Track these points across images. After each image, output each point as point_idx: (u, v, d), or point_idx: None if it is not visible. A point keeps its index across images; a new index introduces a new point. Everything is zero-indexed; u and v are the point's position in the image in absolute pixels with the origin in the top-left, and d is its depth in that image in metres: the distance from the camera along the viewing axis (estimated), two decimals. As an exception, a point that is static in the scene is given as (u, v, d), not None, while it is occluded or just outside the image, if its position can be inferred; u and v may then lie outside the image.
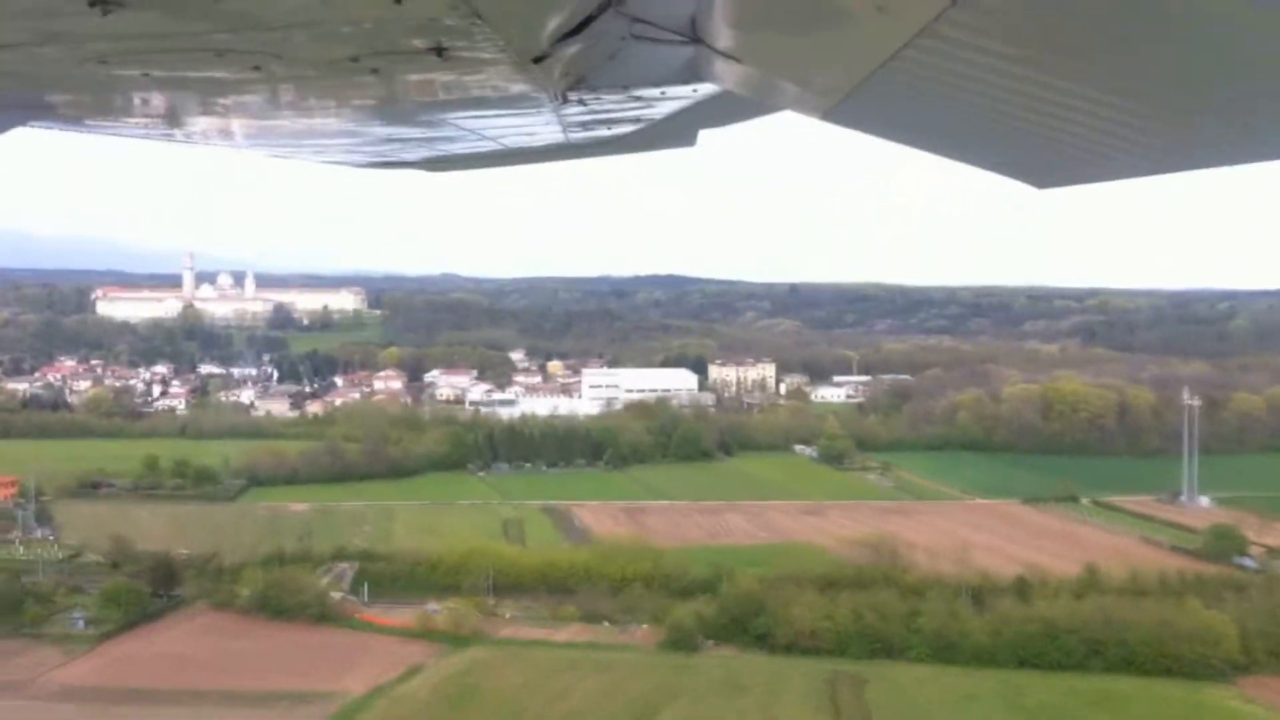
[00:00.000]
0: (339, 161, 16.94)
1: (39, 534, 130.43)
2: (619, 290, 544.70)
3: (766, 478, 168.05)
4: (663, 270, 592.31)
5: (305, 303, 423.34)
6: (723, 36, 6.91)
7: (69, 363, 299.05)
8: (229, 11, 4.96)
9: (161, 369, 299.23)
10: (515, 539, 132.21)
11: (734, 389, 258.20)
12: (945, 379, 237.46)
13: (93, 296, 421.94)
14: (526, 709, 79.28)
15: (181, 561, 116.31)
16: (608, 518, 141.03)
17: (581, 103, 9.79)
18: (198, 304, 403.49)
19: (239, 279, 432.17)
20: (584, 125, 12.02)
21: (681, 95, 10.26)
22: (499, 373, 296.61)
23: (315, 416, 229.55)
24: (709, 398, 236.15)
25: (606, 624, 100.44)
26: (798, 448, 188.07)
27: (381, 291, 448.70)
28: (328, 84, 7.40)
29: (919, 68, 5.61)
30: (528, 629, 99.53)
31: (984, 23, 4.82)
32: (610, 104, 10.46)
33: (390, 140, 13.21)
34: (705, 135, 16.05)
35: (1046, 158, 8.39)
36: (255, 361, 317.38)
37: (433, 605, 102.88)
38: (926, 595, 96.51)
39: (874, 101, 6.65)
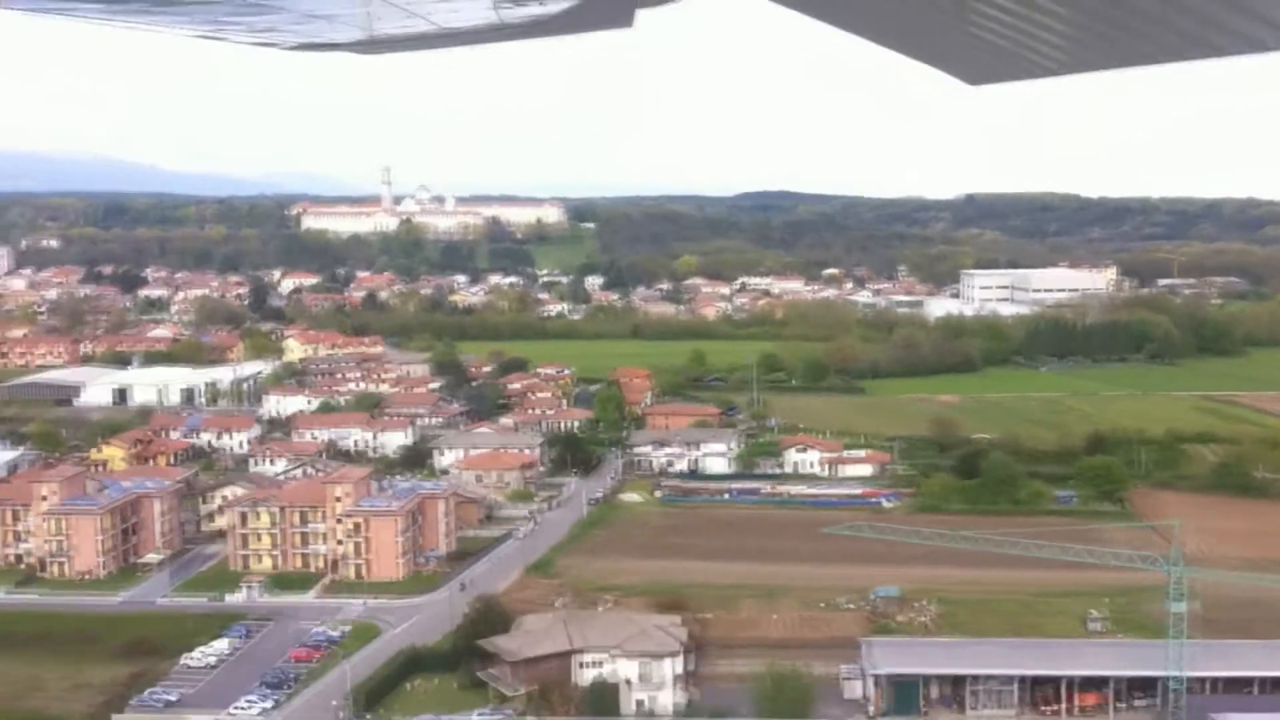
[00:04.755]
0: (267, 43, 16.55)
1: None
2: (768, 205, 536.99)
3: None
4: (800, 187, 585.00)
5: (508, 216, 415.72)
6: None
7: (365, 274, 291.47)
8: None
9: (462, 277, 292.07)
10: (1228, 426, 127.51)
11: (1122, 288, 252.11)
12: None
13: (293, 212, 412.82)
14: None
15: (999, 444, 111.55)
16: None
17: None
18: (414, 219, 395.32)
19: (435, 195, 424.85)
20: (516, 2, 12.10)
21: None
22: (818, 280, 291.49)
23: (762, 315, 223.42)
24: (1119, 296, 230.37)
25: None
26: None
27: (578, 206, 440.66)
28: None
29: None
30: None
31: None
32: None
33: (317, 17, 13.27)
34: (643, 15, 16.18)
35: (979, 53, 9.54)
36: (529, 269, 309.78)
37: None
38: None
39: None
